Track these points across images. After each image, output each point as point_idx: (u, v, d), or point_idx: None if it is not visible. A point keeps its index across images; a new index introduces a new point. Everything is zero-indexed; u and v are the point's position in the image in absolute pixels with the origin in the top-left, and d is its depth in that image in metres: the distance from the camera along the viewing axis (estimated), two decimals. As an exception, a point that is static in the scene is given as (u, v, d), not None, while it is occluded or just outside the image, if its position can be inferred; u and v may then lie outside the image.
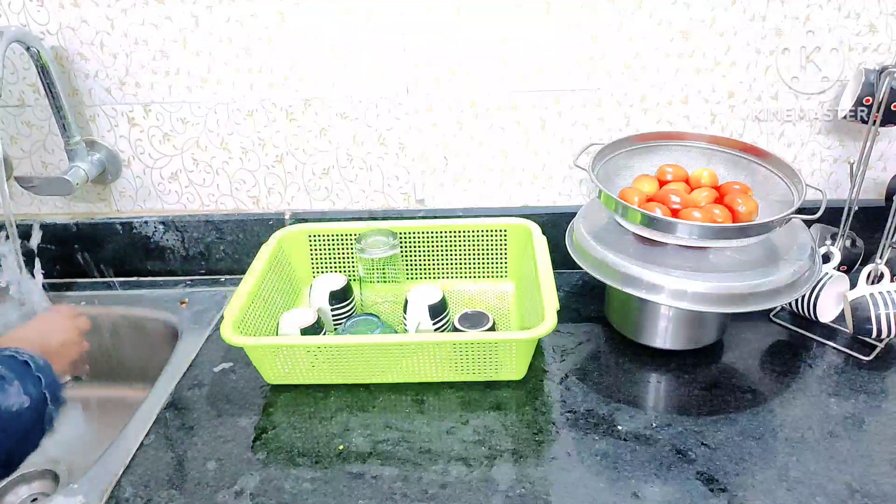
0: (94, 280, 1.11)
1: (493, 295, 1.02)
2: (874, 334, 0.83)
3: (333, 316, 0.92)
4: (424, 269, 1.04)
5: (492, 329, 0.84)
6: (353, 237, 1.01)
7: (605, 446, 0.74)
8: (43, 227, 1.08)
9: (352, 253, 1.03)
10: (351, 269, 1.03)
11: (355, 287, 0.97)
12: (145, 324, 1.04)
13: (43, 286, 0.99)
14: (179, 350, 0.93)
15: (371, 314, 0.89)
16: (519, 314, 0.96)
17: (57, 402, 0.63)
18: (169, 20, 0.94)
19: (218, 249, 1.10)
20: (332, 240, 1.02)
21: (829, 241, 0.93)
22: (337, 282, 0.93)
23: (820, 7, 0.89)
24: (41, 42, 0.92)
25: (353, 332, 0.85)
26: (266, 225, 1.07)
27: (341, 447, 0.75)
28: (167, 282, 1.11)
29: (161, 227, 1.08)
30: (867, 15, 0.89)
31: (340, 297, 0.93)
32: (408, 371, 0.83)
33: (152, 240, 1.09)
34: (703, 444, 0.74)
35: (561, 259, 0.91)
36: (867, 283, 0.87)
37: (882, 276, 0.87)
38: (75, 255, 1.10)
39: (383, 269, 0.97)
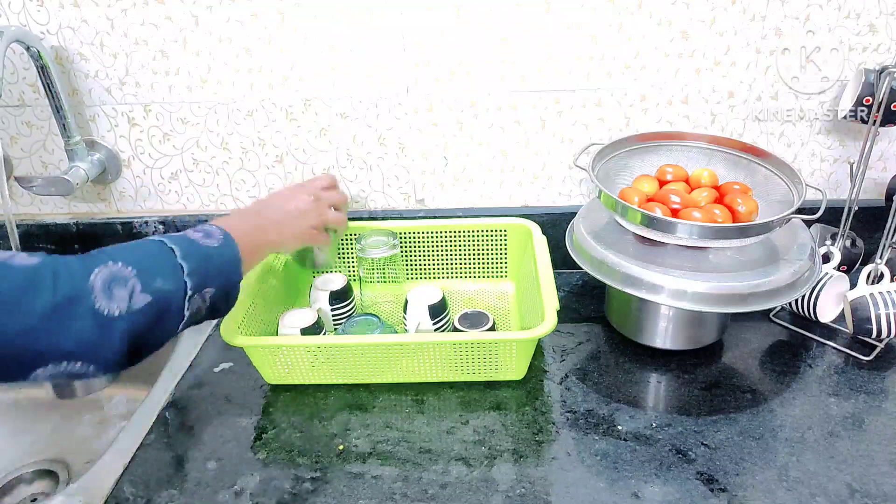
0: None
1: (493, 295, 1.02)
2: (874, 334, 0.83)
3: (333, 316, 0.92)
4: (424, 269, 1.04)
5: (492, 329, 0.84)
6: (353, 237, 1.01)
7: (605, 446, 0.74)
8: (43, 227, 1.08)
9: (352, 253, 1.03)
10: (351, 269, 1.03)
11: (355, 287, 0.97)
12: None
13: None
14: (179, 350, 0.93)
15: (371, 314, 0.89)
16: (519, 314, 0.96)
17: (207, 284, 0.61)
18: (169, 20, 0.94)
19: (218, 249, 1.10)
20: (332, 240, 1.02)
21: (829, 241, 0.94)
22: (337, 282, 0.93)
23: (820, 7, 0.89)
24: (41, 42, 0.92)
25: (353, 332, 0.85)
26: (266, 225, 1.07)
27: (341, 447, 0.75)
28: (167, 282, 1.11)
29: (161, 227, 1.08)
30: (867, 15, 0.89)
31: (341, 297, 0.93)
32: (408, 371, 0.83)
33: (152, 240, 1.09)
34: (703, 444, 0.74)
35: (561, 259, 0.91)
36: (867, 283, 0.87)
37: (882, 276, 0.87)
38: (75, 255, 1.10)
39: (383, 269, 0.97)
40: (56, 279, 0.52)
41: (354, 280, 0.98)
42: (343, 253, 1.03)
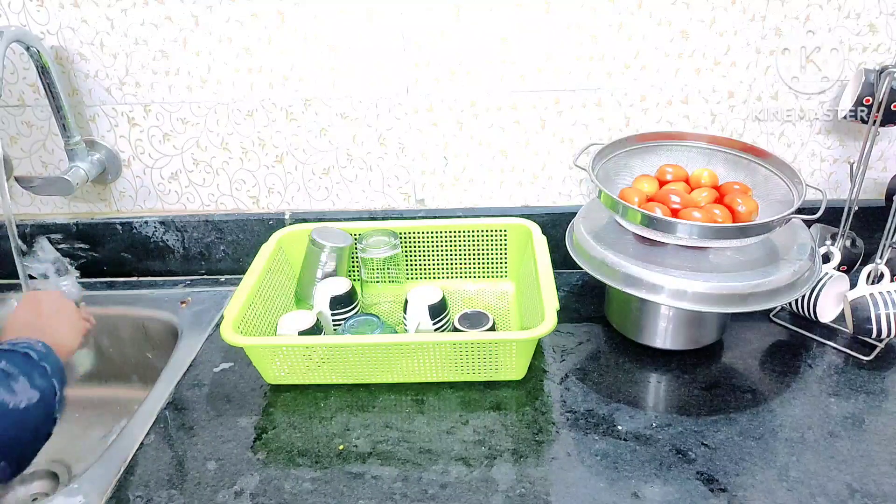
0: (94, 280, 1.11)
1: (493, 295, 1.02)
2: (874, 334, 0.83)
3: (334, 321, 0.91)
4: (424, 269, 1.04)
5: (492, 329, 0.84)
6: (354, 238, 1.01)
7: (605, 446, 0.74)
8: (43, 227, 1.08)
9: (352, 253, 1.03)
10: (352, 269, 1.03)
11: (357, 287, 0.97)
12: (145, 324, 1.04)
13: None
14: (179, 350, 0.93)
15: (371, 314, 0.89)
16: (519, 314, 0.96)
17: (62, 385, 0.61)
18: (169, 20, 0.94)
19: (218, 249, 1.10)
20: (332, 240, 1.02)
21: (829, 241, 0.93)
22: (340, 286, 0.92)
23: (820, 7, 0.89)
24: (41, 42, 0.92)
25: (353, 333, 0.85)
26: (266, 225, 1.07)
27: (341, 447, 0.75)
28: (167, 282, 1.11)
29: (161, 227, 1.08)
30: (867, 15, 0.89)
31: (345, 301, 0.91)
32: (408, 371, 0.83)
33: (152, 240, 1.09)
34: (703, 444, 0.74)
35: (561, 259, 0.91)
36: (867, 283, 0.87)
37: (882, 276, 0.87)
38: (75, 255, 1.10)
39: (385, 268, 0.97)
40: None
41: (356, 280, 0.98)
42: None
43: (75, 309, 0.77)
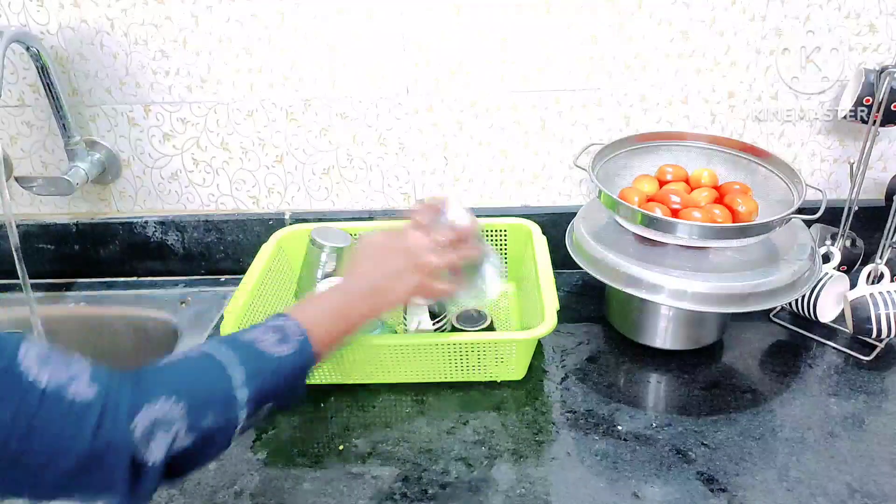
0: (94, 280, 1.11)
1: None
2: (874, 334, 0.83)
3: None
4: (424, 269, 1.04)
5: (489, 327, 0.84)
6: (353, 237, 1.01)
7: (605, 446, 0.74)
8: (43, 227, 1.08)
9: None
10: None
11: None
12: (145, 324, 1.04)
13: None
14: (179, 350, 0.93)
15: None
16: (519, 314, 0.96)
17: (261, 405, 0.54)
18: (169, 20, 0.94)
19: (218, 249, 1.10)
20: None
21: (829, 241, 0.93)
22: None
23: (820, 7, 0.89)
24: (41, 42, 0.91)
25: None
26: (266, 225, 1.07)
27: (341, 447, 0.75)
28: (167, 282, 1.11)
29: (161, 227, 1.08)
30: (867, 15, 0.89)
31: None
32: (408, 371, 0.83)
33: (152, 240, 1.09)
34: (703, 444, 0.74)
35: (561, 259, 0.91)
36: (867, 283, 0.87)
37: (882, 276, 0.87)
38: (75, 255, 1.10)
39: None
40: (101, 422, 0.45)
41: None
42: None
43: (421, 264, 0.65)
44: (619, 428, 0.76)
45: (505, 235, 1.01)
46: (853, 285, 0.88)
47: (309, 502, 0.68)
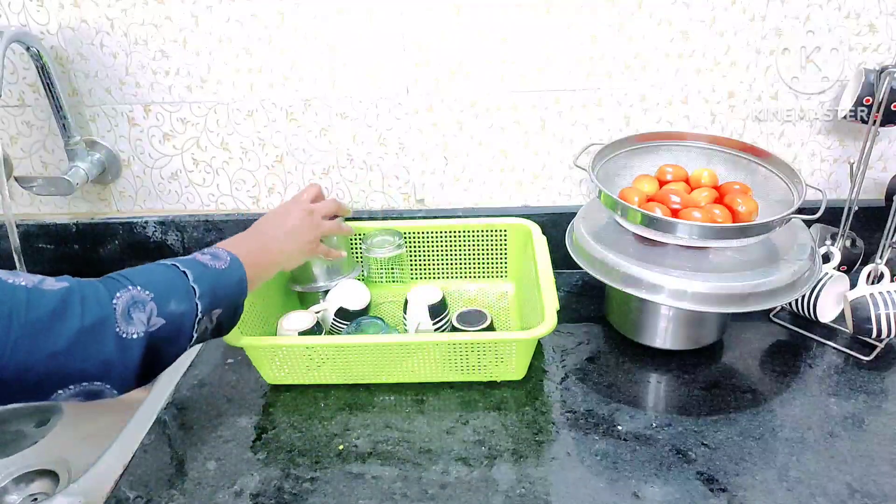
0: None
1: (493, 295, 1.02)
2: (874, 334, 0.83)
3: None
4: (424, 269, 1.04)
5: (490, 327, 0.84)
6: (356, 237, 1.01)
7: (605, 446, 0.74)
8: (43, 227, 1.08)
9: (353, 253, 1.03)
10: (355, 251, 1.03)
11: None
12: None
13: None
14: (179, 350, 0.93)
15: (376, 317, 0.89)
16: (519, 314, 0.96)
17: (220, 303, 0.64)
18: (169, 20, 0.94)
19: (218, 249, 1.10)
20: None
21: (829, 241, 0.93)
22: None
23: (820, 7, 0.89)
24: (41, 42, 0.92)
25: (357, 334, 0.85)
26: (266, 225, 1.07)
27: (341, 447, 0.75)
28: (167, 282, 1.11)
29: (161, 227, 1.08)
30: (867, 15, 0.89)
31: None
32: (408, 371, 0.83)
33: (152, 240, 1.09)
34: (703, 444, 0.74)
35: (561, 259, 0.91)
36: (867, 283, 0.87)
37: (882, 276, 0.87)
38: (75, 255, 1.10)
39: (389, 268, 0.97)
40: (84, 304, 0.54)
41: (359, 279, 0.98)
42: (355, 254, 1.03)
43: (316, 236, 0.85)
44: (619, 428, 0.76)
45: (505, 235, 1.01)
46: (853, 285, 0.88)
47: (309, 502, 0.68)
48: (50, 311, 0.51)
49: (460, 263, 1.03)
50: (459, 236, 1.02)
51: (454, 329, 0.85)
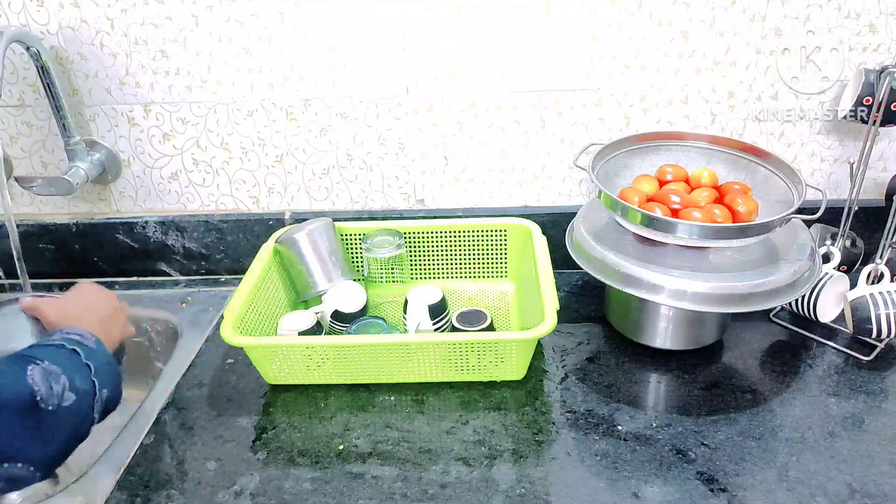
0: (93, 280, 1.11)
1: (493, 295, 1.02)
2: (874, 334, 0.83)
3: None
4: (424, 269, 1.04)
5: (489, 327, 0.84)
6: (356, 237, 1.01)
7: (605, 446, 0.74)
8: (43, 227, 1.08)
9: (353, 253, 1.03)
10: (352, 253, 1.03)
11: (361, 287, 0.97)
12: (145, 324, 1.04)
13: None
14: (179, 350, 0.93)
15: (378, 317, 0.88)
16: (519, 314, 0.96)
17: (111, 383, 0.62)
18: (169, 20, 0.94)
19: (218, 249, 1.10)
20: (332, 240, 1.02)
21: (829, 241, 0.93)
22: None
23: (820, 7, 0.89)
24: (41, 42, 0.92)
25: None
26: (266, 225, 1.07)
27: (341, 447, 0.75)
28: (167, 282, 1.11)
29: (161, 227, 1.08)
30: (867, 15, 0.89)
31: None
32: (408, 371, 0.83)
33: (152, 240, 1.09)
34: (703, 444, 0.74)
35: (561, 259, 0.91)
36: (867, 283, 0.87)
37: (882, 276, 0.87)
38: (75, 255, 1.10)
39: (389, 268, 0.97)
40: None
41: (359, 279, 0.98)
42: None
43: (123, 307, 0.77)
44: (619, 428, 0.76)
45: (505, 235, 1.01)
46: (853, 285, 0.88)
47: (309, 502, 0.68)
48: None
49: (460, 263, 1.03)
50: (459, 236, 1.02)
51: (454, 329, 0.85)
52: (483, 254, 1.03)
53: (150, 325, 1.04)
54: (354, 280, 0.96)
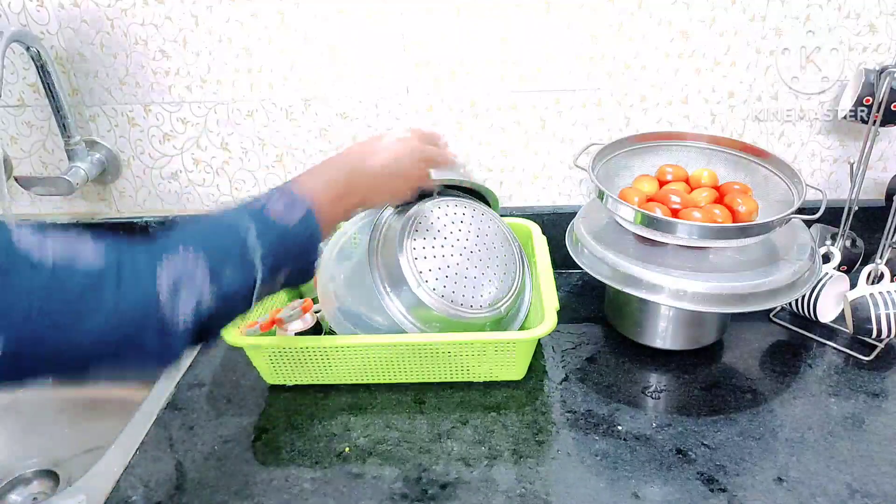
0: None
1: (493, 295, 1.02)
2: (874, 334, 0.83)
3: None
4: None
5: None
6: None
7: (605, 446, 0.74)
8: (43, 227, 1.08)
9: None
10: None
11: None
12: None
13: None
14: (179, 350, 0.93)
15: None
16: (519, 314, 0.96)
17: (279, 268, 0.55)
18: (169, 20, 0.94)
19: (218, 249, 1.10)
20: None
21: (829, 241, 0.93)
22: None
23: (820, 7, 0.89)
24: (41, 42, 0.91)
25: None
26: (266, 225, 1.06)
27: (341, 447, 0.75)
28: (167, 282, 1.11)
29: (161, 227, 1.08)
30: (867, 15, 0.89)
31: None
32: (408, 371, 0.83)
33: (152, 240, 1.09)
34: (703, 444, 0.74)
35: (561, 259, 0.91)
36: (867, 283, 0.87)
37: (882, 276, 0.87)
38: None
39: None
40: (120, 285, 0.46)
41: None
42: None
43: (420, 174, 0.72)
44: (619, 428, 0.76)
45: (505, 235, 1.01)
46: (853, 285, 0.88)
47: (309, 502, 0.68)
48: (78, 293, 0.44)
49: (460, 263, 1.03)
50: (459, 236, 1.01)
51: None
52: (483, 254, 1.03)
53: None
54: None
